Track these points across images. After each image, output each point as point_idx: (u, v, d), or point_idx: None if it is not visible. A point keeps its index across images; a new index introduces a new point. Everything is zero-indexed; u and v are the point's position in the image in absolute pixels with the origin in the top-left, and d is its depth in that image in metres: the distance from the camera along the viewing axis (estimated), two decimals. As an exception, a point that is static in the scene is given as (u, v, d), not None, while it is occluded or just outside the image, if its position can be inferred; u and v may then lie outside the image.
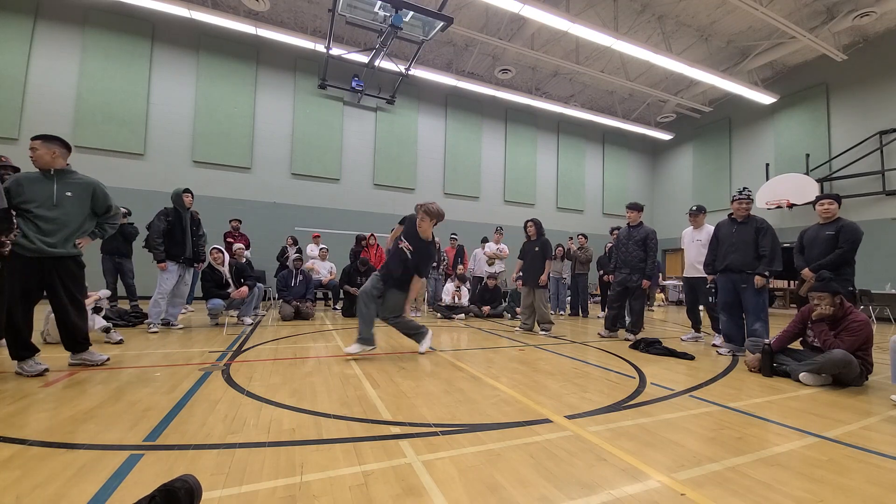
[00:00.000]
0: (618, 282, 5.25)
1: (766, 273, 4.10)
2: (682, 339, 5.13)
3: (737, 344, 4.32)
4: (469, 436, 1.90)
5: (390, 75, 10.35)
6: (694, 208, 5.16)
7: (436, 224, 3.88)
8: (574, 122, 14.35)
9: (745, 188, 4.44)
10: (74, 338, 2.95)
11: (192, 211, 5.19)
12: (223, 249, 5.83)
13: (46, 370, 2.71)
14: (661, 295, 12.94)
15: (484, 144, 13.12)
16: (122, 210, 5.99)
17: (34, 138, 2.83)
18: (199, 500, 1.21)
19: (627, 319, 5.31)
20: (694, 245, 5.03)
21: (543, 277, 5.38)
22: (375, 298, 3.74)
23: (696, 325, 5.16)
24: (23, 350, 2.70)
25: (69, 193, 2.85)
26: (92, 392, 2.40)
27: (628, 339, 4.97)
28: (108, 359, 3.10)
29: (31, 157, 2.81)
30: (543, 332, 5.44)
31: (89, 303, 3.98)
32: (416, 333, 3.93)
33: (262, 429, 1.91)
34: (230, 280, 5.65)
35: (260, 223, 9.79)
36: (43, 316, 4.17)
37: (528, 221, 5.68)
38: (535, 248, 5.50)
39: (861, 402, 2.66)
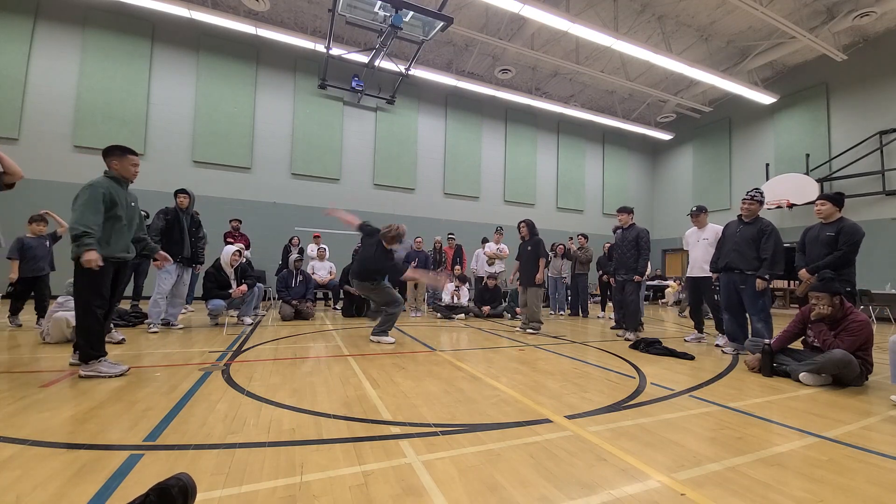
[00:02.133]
0: (618, 284, 5.45)
1: (766, 276, 4.10)
2: (686, 340, 5.13)
3: (740, 343, 4.35)
4: (469, 436, 1.90)
5: (390, 75, 10.35)
6: (694, 209, 5.18)
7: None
8: (574, 122, 14.35)
9: (755, 189, 4.49)
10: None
11: (194, 212, 5.19)
12: (242, 252, 5.79)
13: (127, 370, 2.81)
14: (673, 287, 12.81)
15: (484, 144, 13.12)
16: (142, 212, 6.02)
17: (136, 153, 3.09)
18: (194, 499, 1.21)
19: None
20: (700, 244, 4.99)
21: (539, 276, 5.40)
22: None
23: (699, 325, 5.17)
24: (97, 349, 2.75)
25: (133, 203, 3.11)
26: (92, 392, 2.40)
27: (628, 340, 4.98)
28: None
29: (135, 171, 3.08)
30: (531, 332, 5.44)
31: None
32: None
33: (262, 429, 1.91)
34: (235, 283, 5.60)
35: (260, 223, 9.79)
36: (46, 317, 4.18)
37: (520, 222, 5.71)
38: (528, 248, 5.56)
39: (861, 402, 2.66)
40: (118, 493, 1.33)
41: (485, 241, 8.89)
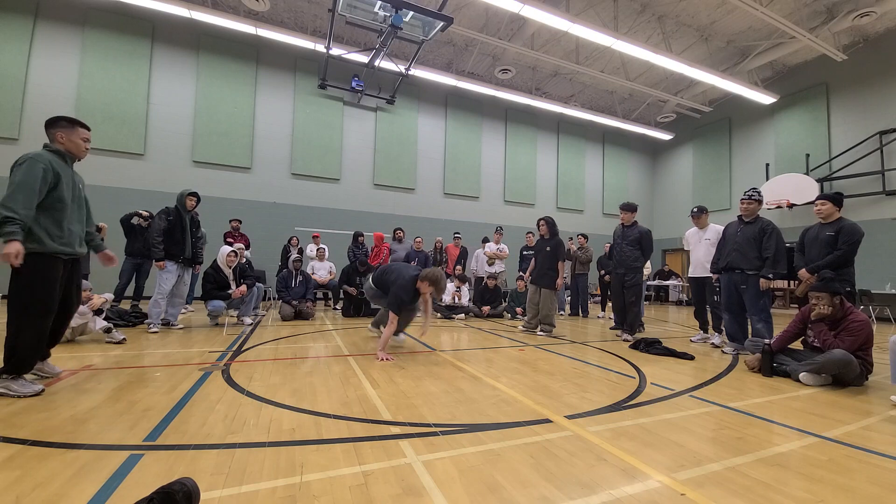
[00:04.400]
0: (616, 281, 5.35)
1: (770, 276, 4.09)
2: (692, 341, 5.11)
3: (740, 343, 4.34)
4: (469, 436, 1.90)
5: (390, 75, 10.34)
6: (695, 210, 5.18)
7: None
8: (574, 122, 14.35)
9: (753, 188, 4.51)
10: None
11: (193, 212, 5.19)
12: (238, 252, 5.77)
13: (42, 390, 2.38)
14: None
15: (484, 144, 13.12)
16: (144, 213, 6.08)
17: (87, 127, 2.64)
18: None
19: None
20: (702, 244, 5.00)
21: (560, 282, 5.35)
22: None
23: (704, 325, 5.15)
24: (20, 367, 2.34)
25: (81, 186, 2.62)
26: (92, 392, 2.40)
27: (628, 340, 4.98)
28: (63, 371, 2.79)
29: (87, 148, 2.63)
30: (542, 333, 5.38)
31: (95, 305, 3.97)
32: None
33: (262, 429, 1.91)
34: (234, 284, 5.58)
35: (260, 223, 9.80)
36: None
37: (540, 220, 5.59)
38: (547, 248, 5.42)
39: (861, 402, 2.66)
40: (118, 493, 1.33)
41: (485, 240, 8.89)
